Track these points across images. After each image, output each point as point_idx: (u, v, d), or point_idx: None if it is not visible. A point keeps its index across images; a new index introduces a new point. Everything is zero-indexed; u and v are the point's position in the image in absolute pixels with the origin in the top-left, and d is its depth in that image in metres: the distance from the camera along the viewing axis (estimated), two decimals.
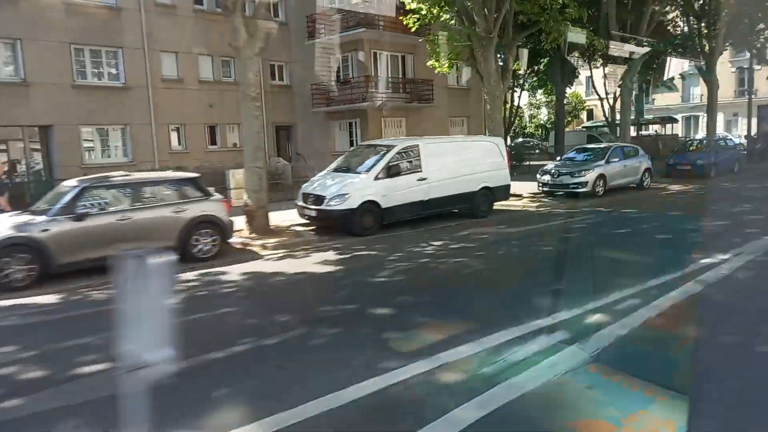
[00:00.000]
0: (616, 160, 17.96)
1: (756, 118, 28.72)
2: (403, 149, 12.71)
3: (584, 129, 39.92)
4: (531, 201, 16.55)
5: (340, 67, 26.58)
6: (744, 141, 31.56)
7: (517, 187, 18.72)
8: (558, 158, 20.14)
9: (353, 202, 11.57)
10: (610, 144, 19.73)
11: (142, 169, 22.20)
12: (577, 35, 18.00)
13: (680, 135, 47.86)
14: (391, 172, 12.24)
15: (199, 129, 24.28)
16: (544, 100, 54.79)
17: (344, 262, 9.27)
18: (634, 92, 26.16)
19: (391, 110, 26.51)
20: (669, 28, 29.75)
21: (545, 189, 17.67)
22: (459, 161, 13.50)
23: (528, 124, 58.68)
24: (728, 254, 8.16)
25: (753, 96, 44.08)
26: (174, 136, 23.79)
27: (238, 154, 25.08)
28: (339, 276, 8.27)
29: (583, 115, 56.06)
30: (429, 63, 18.55)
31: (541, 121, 57.59)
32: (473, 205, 13.79)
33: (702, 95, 33.69)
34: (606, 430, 3.57)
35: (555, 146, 30.38)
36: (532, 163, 27.11)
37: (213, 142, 25.04)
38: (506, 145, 30.52)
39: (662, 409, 3.77)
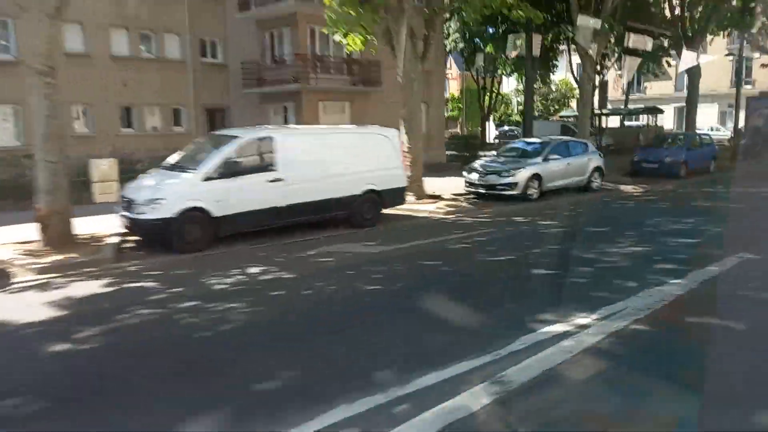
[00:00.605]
0: (557, 157, 15.22)
1: (744, 111, 25.70)
2: (249, 142, 10.10)
3: (561, 119, 36.98)
4: (448, 204, 13.89)
5: (274, 44, 23.87)
6: (729, 135, 28.63)
7: (447, 185, 16.13)
8: (494, 152, 17.40)
9: (169, 210, 8.98)
10: (552, 138, 16.98)
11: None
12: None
13: (672, 127, 44.92)
14: (230, 171, 9.60)
15: (111, 110, 21.72)
16: (535, 86, 51.77)
17: (86, 302, 6.69)
18: (596, 80, 23.23)
19: (333, 94, 23.88)
20: (653, 9, 26.79)
21: (470, 189, 15.00)
22: (333, 158, 10.86)
23: (515, 112, 55.66)
24: (593, 316, 5.51)
25: (751, 86, 41.04)
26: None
27: (158, 139, 22.75)
28: (15, 338, 5.65)
29: (573, 103, 53.04)
30: (336, 36, 15.79)
31: None
32: (353, 213, 11.18)
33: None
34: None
35: (522, 138, 27.55)
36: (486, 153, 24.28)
37: (129, 125, 22.49)
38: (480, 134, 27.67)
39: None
